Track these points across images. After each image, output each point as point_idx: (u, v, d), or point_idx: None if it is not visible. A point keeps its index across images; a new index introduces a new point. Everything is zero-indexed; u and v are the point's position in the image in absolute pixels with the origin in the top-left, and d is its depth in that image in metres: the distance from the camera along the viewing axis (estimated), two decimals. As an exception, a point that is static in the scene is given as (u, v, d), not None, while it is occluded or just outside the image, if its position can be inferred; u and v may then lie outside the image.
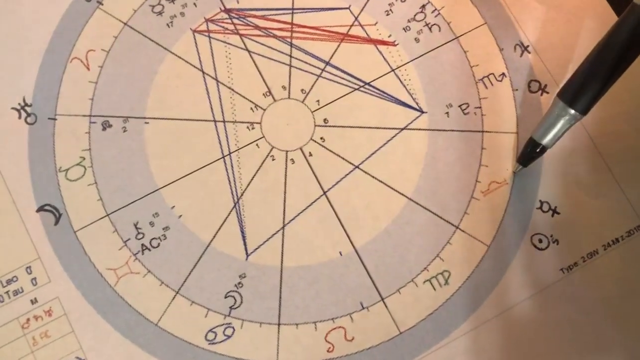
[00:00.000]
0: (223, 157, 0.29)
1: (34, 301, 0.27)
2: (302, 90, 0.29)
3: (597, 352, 0.27)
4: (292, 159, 0.29)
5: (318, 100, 0.29)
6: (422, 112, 0.29)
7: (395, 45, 0.30)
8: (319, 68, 0.30)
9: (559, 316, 0.27)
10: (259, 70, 0.30)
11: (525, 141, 0.28)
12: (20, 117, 0.29)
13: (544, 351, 0.27)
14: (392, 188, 0.29)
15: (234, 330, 0.27)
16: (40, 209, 0.28)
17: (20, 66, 0.29)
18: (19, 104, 0.29)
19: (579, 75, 0.25)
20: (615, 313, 0.28)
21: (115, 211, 0.28)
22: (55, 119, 0.29)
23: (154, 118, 0.29)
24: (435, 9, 0.30)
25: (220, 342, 0.27)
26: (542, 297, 0.28)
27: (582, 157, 0.29)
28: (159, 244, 0.28)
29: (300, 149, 0.29)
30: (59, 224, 0.28)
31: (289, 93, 0.29)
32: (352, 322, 0.27)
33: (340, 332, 0.27)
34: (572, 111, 0.26)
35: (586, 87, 0.25)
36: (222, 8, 0.30)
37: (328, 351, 0.27)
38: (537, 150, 0.27)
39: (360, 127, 0.29)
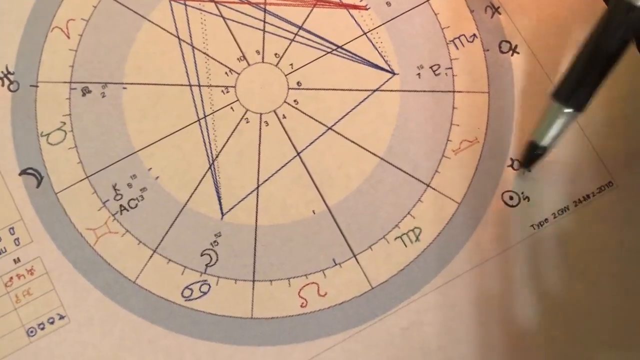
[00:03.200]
0: (198, 120, 0.29)
1: (16, 260, 0.28)
2: (275, 54, 0.30)
3: (566, 305, 0.27)
4: (266, 122, 0.29)
5: (291, 64, 0.30)
6: (394, 73, 0.30)
7: (367, 9, 0.30)
8: (292, 32, 0.30)
9: (529, 272, 0.28)
10: (233, 36, 0.30)
11: (496, 106, 0.28)
12: (3, 84, 0.29)
13: (513, 305, 0.27)
14: (364, 148, 0.29)
15: (210, 287, 0.28)
16: (23, 172, 0.29)
17: (2, 36, 0.30)
18: (2, 72, 0.30)
19: (571, 74, 0.25)
20: (585, 268, 0.28)
21: (94, 173, 0.29)
22: (37, 86, 0.30)
23: (132, 83, 0.30)
24: (407, -27, 0.31)
25: (197, 298, 0.28)
26: (512, 253, 0.28)
27: (553, 115, 0.29)
28: (136, 205, 0.28)
29: (274, 111, 0.30)
30: (40, 187, 0.29)
31: (263, 57, 0.30)
32: (325, 278, 0.28)
33: (313, 288, 0.28)
34: (568, 110, 0.25)
35: (580, 85, 0.25)
36: (198, -24, 0.31)
37: (301, 306, 0.28)
38: (538, 152, 0.26)
39: (333, 90, 0.30)
